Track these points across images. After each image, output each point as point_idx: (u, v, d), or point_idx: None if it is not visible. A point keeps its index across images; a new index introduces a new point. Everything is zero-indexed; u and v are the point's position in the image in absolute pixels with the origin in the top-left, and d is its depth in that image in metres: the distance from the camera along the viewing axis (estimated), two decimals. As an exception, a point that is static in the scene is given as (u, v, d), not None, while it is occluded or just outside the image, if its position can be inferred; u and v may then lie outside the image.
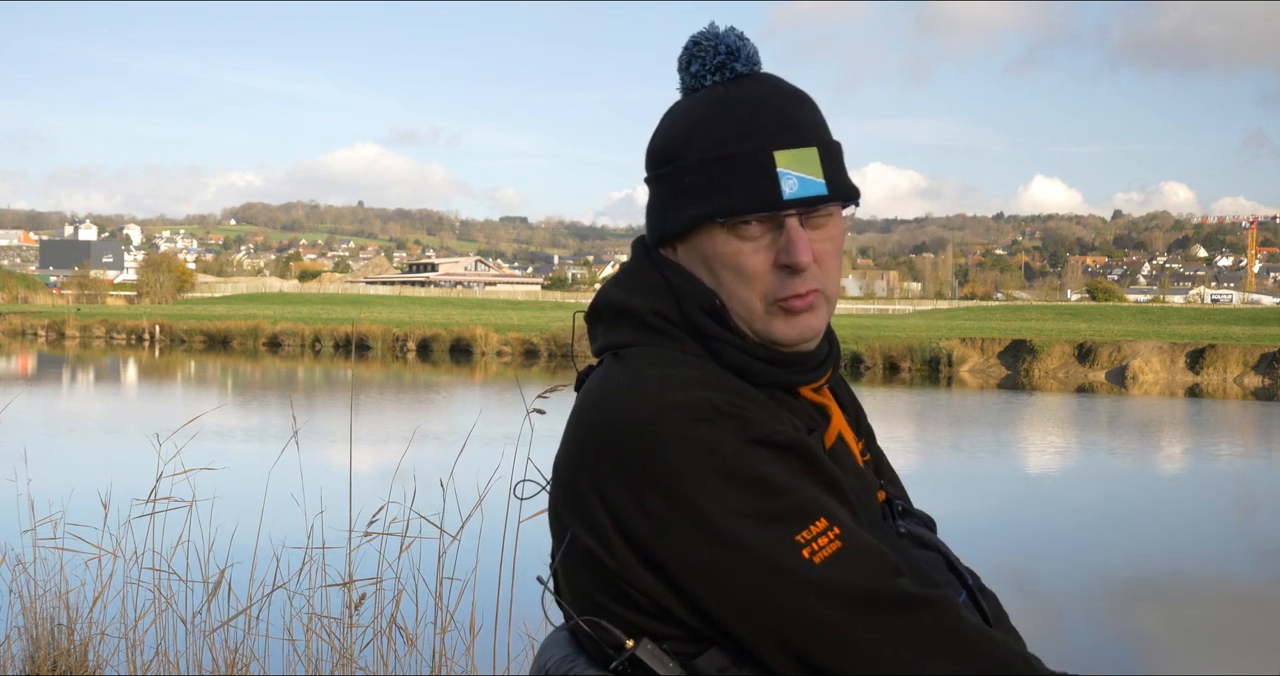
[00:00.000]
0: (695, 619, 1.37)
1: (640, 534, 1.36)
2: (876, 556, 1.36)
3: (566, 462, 1.45)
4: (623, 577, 1.39)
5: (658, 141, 1.54)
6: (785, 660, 1.35)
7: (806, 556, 1.33)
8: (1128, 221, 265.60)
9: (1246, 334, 40.20)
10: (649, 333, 1.49)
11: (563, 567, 1.47)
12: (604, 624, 1.42)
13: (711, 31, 1.54)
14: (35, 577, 5.28)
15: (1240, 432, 22.30)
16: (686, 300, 1.48)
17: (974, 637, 1.36)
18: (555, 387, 3.82)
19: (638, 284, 1.53)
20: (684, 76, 1.54)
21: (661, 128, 1.55)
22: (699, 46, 1.53)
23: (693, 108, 1.51)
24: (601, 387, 1.46)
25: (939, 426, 21.47)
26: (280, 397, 22.85)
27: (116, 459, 13.06)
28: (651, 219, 1.56)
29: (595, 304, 1.58)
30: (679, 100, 1.55)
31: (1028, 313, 64.72)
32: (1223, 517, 13.25)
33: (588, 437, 1.43)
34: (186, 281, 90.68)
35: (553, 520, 1.50)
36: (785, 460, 1.37)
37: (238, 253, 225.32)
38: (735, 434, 1.36)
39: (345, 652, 4.35)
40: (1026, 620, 7.91)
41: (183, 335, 45.95)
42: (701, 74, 1.52)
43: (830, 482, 1.41)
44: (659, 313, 1.49)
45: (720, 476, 1.34)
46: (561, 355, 38.49)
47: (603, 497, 1.39)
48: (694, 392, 1.39)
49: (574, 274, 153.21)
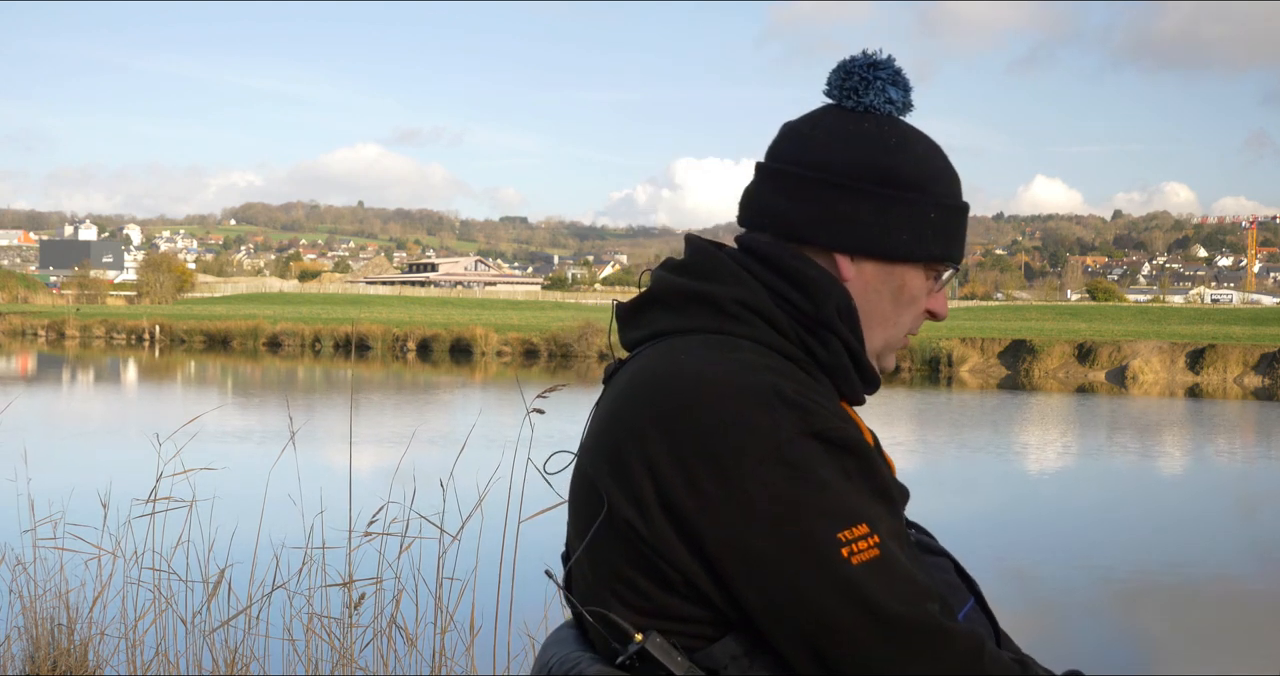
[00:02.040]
0: (722, 599, 1.38)
1: (683, 507, 1.37)
2: (909, 578, 1.36)
3: (613, 434, 1.45)
4: (657, 550, 1.39)
5: (883, 157, 1.54)
6: (801, 653, 1.35)
7: (845, 555, 1.33)
8: (1128, 221, 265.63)
9: (1246, 334, 40.21)
10: (725, 318, 1.49)
11: (590, 544, 1.46)
12: (612, 616, 1.41)
13: (896, 63, 1.58)
14: (35, 577, 5.27)
15: (1241, 432, 22.31)
16: (823, 294, 1.50)
17: (995, 674, 1.38)
18: (555, 387, 3.82)
19: (714, 274, 1.52)
20: (875, 96, 1.55)
21: (885, 144, 1.54)
22: (899, 76, 1.57)
23: (924, 142, 1.57)
24: (665, 367, 1.45)
25: (939, 426, 21.47)
26: (280, 398, 22.85)
27: (116, 459, 13.04)
28: (856, 228, 1.53)
29: (652, 292, 1.57)
30: (882, 121, 1.56)
31: (1028, 313, 64.74)
32: (1224, 517, 13.26)
33: (645, 411, 1.42)
34: (186, 281, 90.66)
35: (580, 495, 1.50)
36: (840, 459, 1.38)
37: (238, 253, 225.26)
38: (795, 423, 1.36)
39: (345, 652, 4.34)
40: (1029, 620, 7.91)
41: (183, 335, 45.97)
42: (899, 104, 1.57)
43: (882, 491, 1.41)
44: (740, 300, 1.49)
45: (773, 462, 1.35)
46: (562, 355, 38.50)
47: (650, 468, 1.39)
48: (762, 377, 1.40)
49: (574, 274, 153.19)
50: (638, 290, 1.60)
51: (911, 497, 1.70)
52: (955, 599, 1.51)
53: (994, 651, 1.40)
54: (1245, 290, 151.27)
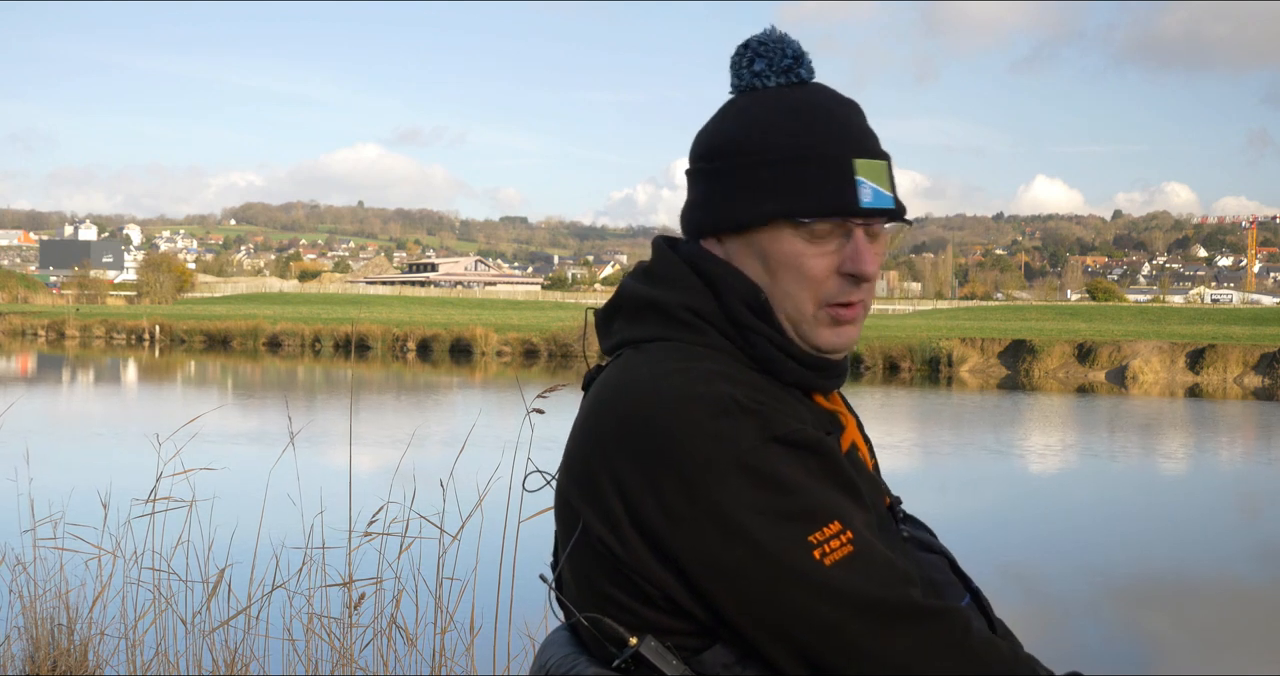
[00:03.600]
0: (703, 612, 1.37)
1: (653, 524, 1.36)
2: (887, 564, 1.36)
3: (581, 451, 1.45)
4: (633, 568, 1.38)
5: (718, 135, 1.53)
6: (790, 658, 1.35)
7: (818, 557, 1.33)
8: (1128, 221, 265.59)
9: (1246, 334, 40.18)
10: (676, 326, 1.48)
11: (571, 559, 1.46)
12: (607, 621, 1.41)
13: (776, 34, 1.54)
14: (35, 577, 5.27)
15: (1241, 432, 22.30)
16: (729, 292, 1.47)
17: (981, 650, 1.36)
18: (555, 387, 3.82)
19: (666, 279, 1.51)
20: (743, 74, 1.53)
21: (723, 121, 1.53)
22: (765, 47, 1.53)
23: (763, 105, 1.50)
24: (623, 378, 1.45)
25: (940, 426, 21.46)
26: (280, 398, 22.84)
27: (116, 459, 13.06)
28: (704, 210, 1.53)
29: (616, 299, 1.56)
30: (739, 97, 1.54)
31: (1028, 313, 64.69)
32: (1225, 517, 13.25)
33: (607, 426, 1.42)
34: (186, 281, 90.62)
35: (560, 512, 1.49)
36: (803, 460, 1.37)
37: (238, 253, 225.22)
38: (755, 430, 1.35)
39: (345, 652, 4.34)
40: (1030, 620, 7.92)
41: (183, 335, 45.95)
42: (766, 74, 1.52)
43: (847, 486, 1.40)
44: (689, 307, 1.48)
45: (737, 471, 1.34)
46: (562, 355, 38.50)
47: (618, 486, 1.38)
48: (717, 386, 1.38)
49: (574, 274, 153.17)
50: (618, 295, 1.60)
51: (912, 498, 1.71)
52: (950, 595, 1.51)
53: (980, 628, 1.39)
54: (1245, 290, 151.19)
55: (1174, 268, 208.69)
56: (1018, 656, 1.41)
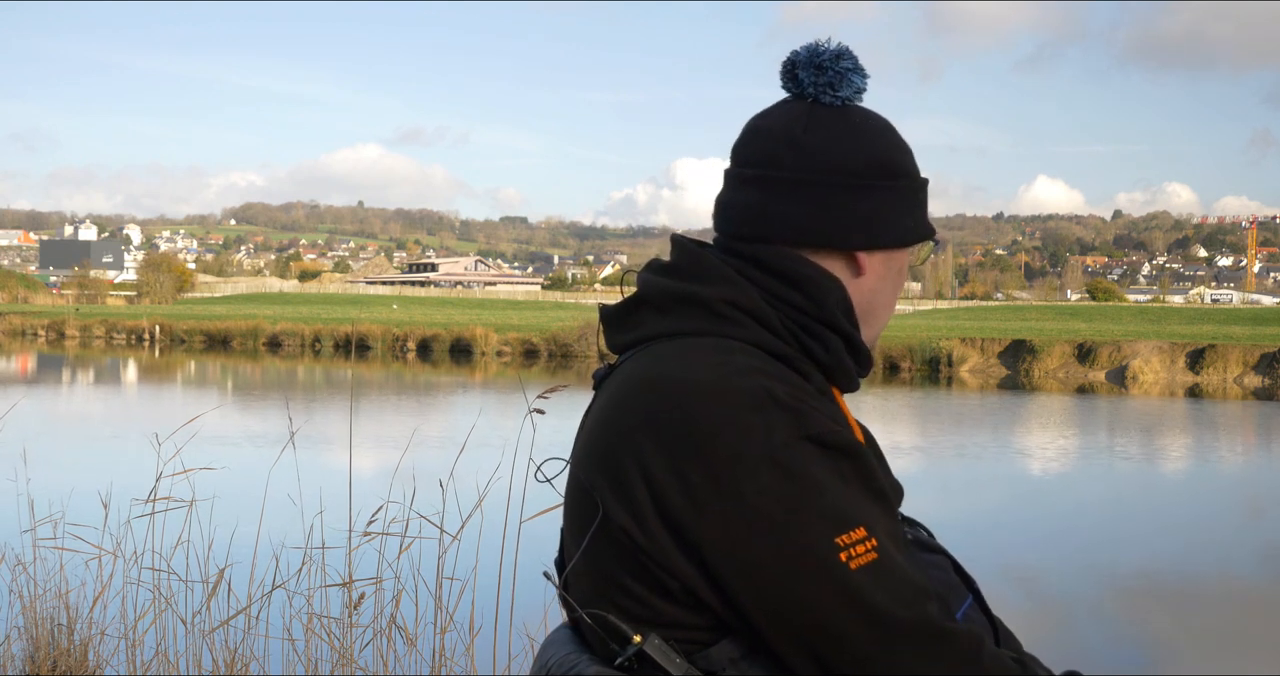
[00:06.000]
0: (720, 603, 1.37)
1: (678, 513, 1.36)
2: (908, 579, 1.36)
3: (604, 440, 1.44)
4: (654, 558, 1.38)
5: (883, 151, 1.54)
6: (801, 656, 1.35)
7: (843, 559, 1.33)
8: (1127, 221, 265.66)
9: (1246, 334, 40.19)
10: (715, 320, 1.47)
11: (587, 550, 1.45)
12: (611, 617, 1.41)
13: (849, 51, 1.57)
14: (35, 577, 5.27)
15: (1241, 432, 22.31)
16: (823, 293, 1.49)
17: (992, 673, 1.37)
18: (556, 388, 3.81)
19: (701, 275, 1.50)
20: (849, 81, 1.54)
21: (877, 137, 1.55)
22: (859, 61, 1.55)
23: (874, 124, 1.56)
24: (657, 369, 1.44)
25: (940, 427, 21.46)
26: (280, 398, 22.85)
27: (116, 459, 13.07)
28: (880, 225, 1.54)
29: (640, 294, 1.54)
30: (862, 108, 1.56)
31: (1028, 313, 64.72)
32: (1226, 517, 13.25)
33: (635, 415, 1.41)
34: (186, 281, 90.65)
35: (574, 504, 1.49)
36: (836, 462, 1.37)
37: (238, 253, 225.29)
38: (790, 427, 1.35)
39: (345, 652, 4.34)
40: (1032, 620, 7.90)
41: (183, 335, 45.96)
42: (862, 90, 1.55)
43: (878, 493, 1.40)
44: (730, 300, 1.47)
45: (768, 465, 1.33)
46: (562, 355, 38.49)
47: (645, 474, 1.37)
48: (755, 380, 1.38)
49: (574, 274, 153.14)
50: (623, 293, 1.59)
51: (912, 498, 1.70)
52: (953, 597, 1.51)
53: (993, 650, 1.40)
54: (1245, 290, 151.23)
55: (1174, 268, 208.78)
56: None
